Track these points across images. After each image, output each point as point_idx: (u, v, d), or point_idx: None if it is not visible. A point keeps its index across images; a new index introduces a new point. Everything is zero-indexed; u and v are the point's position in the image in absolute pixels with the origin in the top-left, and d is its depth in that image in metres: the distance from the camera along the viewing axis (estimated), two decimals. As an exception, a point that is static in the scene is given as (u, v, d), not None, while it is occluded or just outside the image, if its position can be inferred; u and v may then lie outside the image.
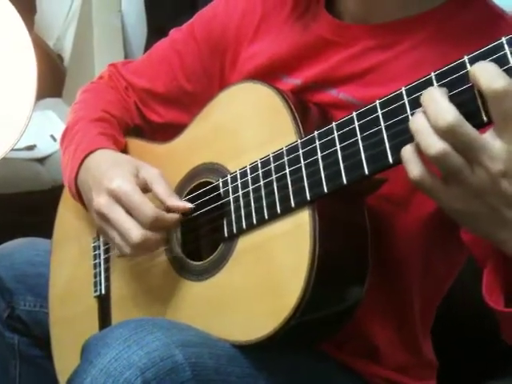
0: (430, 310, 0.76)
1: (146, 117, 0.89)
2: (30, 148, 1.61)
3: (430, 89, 0.51)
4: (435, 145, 0.49)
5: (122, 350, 0.59)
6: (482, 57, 0.50)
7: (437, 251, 0.70)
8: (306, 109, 0.69)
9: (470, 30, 0.65)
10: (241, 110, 0.72)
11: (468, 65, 0.51)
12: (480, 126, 0.50)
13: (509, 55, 0.49)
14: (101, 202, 0.71)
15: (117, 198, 0.70)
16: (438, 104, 0.49)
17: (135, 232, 0.68)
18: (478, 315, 0.87)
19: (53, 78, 1.95)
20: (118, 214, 0.69)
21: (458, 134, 0.49)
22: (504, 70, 0.49)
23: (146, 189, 0.72)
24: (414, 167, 0.51)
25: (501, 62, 0.49)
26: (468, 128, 0.49)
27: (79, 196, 0.80)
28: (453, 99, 0.51)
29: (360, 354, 0.73)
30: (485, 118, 0.50)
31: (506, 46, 0.49)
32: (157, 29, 1.79)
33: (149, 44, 1.77)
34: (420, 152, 0.51)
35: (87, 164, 0.77)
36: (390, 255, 0.69)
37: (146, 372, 0.58)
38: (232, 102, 0.74)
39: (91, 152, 0.78)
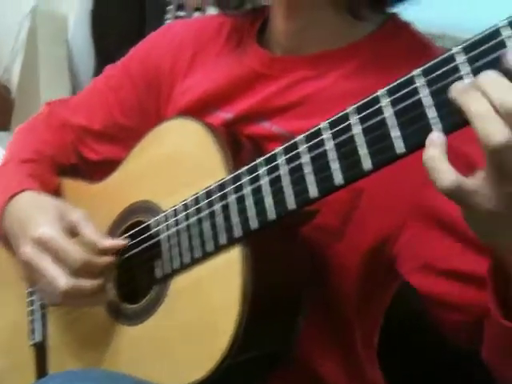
0: (371, 335, 0.75)
1: (82, 155, 0.88)
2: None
3: (486, 72, 0.44)
4: (501, 132, 0.42)
5: None
6: (431, 71, 0.48)
7: (374, 280, 0.70)
8: (238, 143, 0.69)
9: (401, 58, 0.65)
10: (172, 147, 0.72)
11: (383, 98, 0.51)
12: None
13: (461, 66, 0.46)
14: (26, 251, 0.69)
15: (42, 246, 0.68)
16: (501, 84, 0.43)
17: (63, 280, 0.66)
18: (418, 330, 0.87)
19: (0, 111, 1.91)
20: (45, 262, 0.67)
21: None
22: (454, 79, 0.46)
23: (73, 232, 0.70)
24: (445, 175, 0.44)
25: (452, 72, 0.47)
26: None
27: (5, 241, 0.77)
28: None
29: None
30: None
31: (457, 57, 0.46)
32: (105, 58, 1.78)
33: (97, 73, 1.75)
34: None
35: (10, 209, 0.75)
36: (326, 286, 0.68)
37: None
38: (163, 139, 0.73)
39: (14, 195, 0.76)
